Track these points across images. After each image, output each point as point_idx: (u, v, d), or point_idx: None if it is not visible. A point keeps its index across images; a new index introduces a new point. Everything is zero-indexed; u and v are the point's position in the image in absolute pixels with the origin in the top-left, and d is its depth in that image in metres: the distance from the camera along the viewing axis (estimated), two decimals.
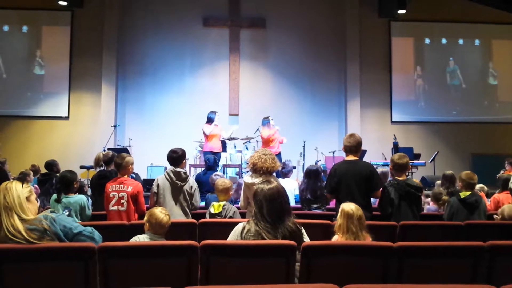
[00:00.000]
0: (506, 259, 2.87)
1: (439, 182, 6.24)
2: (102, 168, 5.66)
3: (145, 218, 3.20)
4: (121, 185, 4.39)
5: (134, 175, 6.92)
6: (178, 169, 4.55)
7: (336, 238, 3.11)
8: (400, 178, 4.23)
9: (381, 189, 4.25)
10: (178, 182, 4.50)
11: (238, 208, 4.44)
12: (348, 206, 3.10)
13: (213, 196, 5.03)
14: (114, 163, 4.66)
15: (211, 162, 6.46)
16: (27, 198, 2.53)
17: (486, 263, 2.85)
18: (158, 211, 3.18)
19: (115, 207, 4.34)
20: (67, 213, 4.06)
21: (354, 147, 4.23)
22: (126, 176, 4.49)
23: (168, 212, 3.26)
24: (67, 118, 11.48)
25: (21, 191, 2.50)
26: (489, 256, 2.84)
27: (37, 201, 2.77)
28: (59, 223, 2.54)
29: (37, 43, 11.67)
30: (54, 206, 4.24)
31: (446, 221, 4.40)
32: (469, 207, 4.36)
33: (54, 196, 4.38)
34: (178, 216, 4.41)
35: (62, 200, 4.25)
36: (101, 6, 11.47)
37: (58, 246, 2.48)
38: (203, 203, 5.24)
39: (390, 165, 4.40)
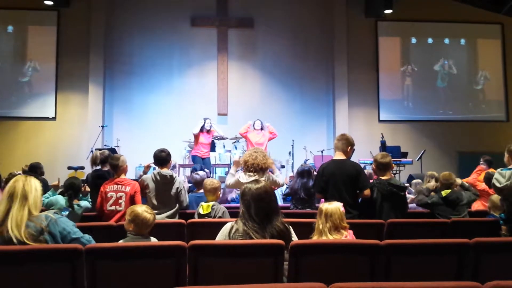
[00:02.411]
0: (490, 256, 2.92)
1: (415, 181, 6.37)
2: (98, 167, 5.63)
3: (128, 217, 3.06)
4: (119, 186, 4.40)
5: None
6: (164, 172, 4.56)
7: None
8: (383, 178, 4.26)
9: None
10: (164, 185, 4.52)
11: (227, 208, 4.45)
12: (323, 204, 3.15)
13: (192, 196, 5.04)
14: (110, 165, 4.67)
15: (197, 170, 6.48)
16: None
17: (472, 260, 2.89)
18: (143, 210, 3.06)
19: (113, 207, 4.36)
20: (66, 213, 4.05)
21: (342, 146, 4.24)
22: (123, 176, 4.50)
23: (151, 209, 3.16)
24: (54, 118, 11.36)
25: (39, 186, 2.60)
26: (474, 253, 2.88)
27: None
28: (59, 225, 2.57)
29: (23, 43, 11.53)
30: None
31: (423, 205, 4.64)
32: (451, 204, 4.58)
33: (61, 200, 4.38)
34: (164, 217, 4.42)
35: (74, 205, 4.29)
36: (88, 6, 11.38)
37: (45, 247, 2.46)
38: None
39: (373, 165, 4.43)
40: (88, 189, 4.87)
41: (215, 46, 11.76)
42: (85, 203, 4.54)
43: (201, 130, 8.62)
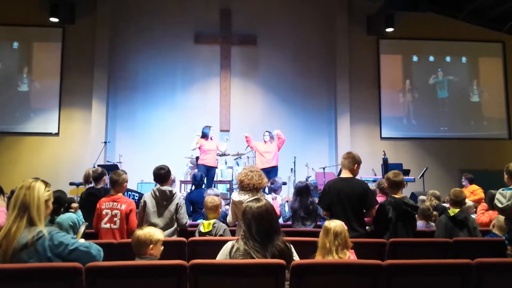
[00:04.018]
0: (494, 277, 2.90)
1: (421, 197, 6.35)
2: (91, 185, 5.61)
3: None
4: (114, 203, 4.33)
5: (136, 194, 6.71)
6: (163, 188, 4.52)
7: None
8: (396, 196, 4.25)
9: (376, 207, 4.26)
10: (164, 201, 4.48)
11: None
12: (329, 222, 3.11)
13: None
14: (110, 179, 4.60)
15: (197, 180, 6.43)
16: (46, 202, 2.49)
17: (474, 281, 2.86)
18: (138, 230, 3.03)
19: (108, 225, 4.29)
20: (83, 229, 3.91)
21: (349, 164, 4.23)
22: (120, 194, 4.45)
23: (151, 229, 3.08)
24: (57, 134, 11.43)
25: (42, 193, 2.46)
26: (477, 273, 2.85)
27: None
28: (56, 239, 2.44)
29: (28, 59, 11.66)
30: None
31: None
32: (459, 224, 4.45)
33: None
34: (164, 234, 4.36)
35: (55, 220, 4.16)
36: (93, 23, 11.53)
37: (43, 266, 2.42)
38: (200, 220, 5.16)
39: (385, 183, 4.39)
40: (75, 205, 4.68)
41: (218, 63, 11.86)
42: (68, 216, 4.13)
43: (205, 137, 8.57)
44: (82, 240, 2.61)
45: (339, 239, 3.01)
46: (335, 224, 3.07)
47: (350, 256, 3.05)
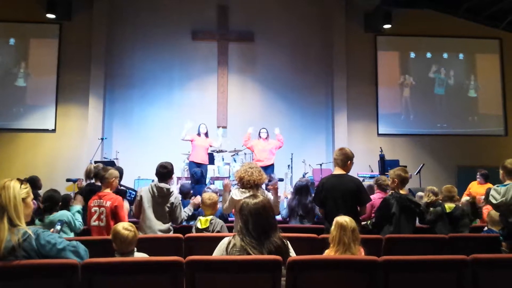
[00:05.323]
0: (489, 273, 2.91)
1: (419, 193, 6.40)
2: (92, 181, 5.59)
3: (111, 237, 3.03)
4: (101, 200, 4.32)
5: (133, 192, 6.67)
6: (161, 185, 4.52)
7: (328, 250, 3.13)
8: (402, 192, 4.30)
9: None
10: (159, 198, 4.48)
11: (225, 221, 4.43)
12: (342, 218, 3.14)
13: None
14: (98, 175, 4.60)
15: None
16: (23, 200, 2.43)
17: (470, 276, 2.88)
18: (121, 228, 2.98)
19: (96, 223, 4.29)
20: (59, 227, 3.87)
21: (341, 160, 4.25)
22: (108, 190, 4.43)
23: (133, 226, 3.06)
24: (53, 131, 11.38)
25: (18, 192, 2.40)
26: (473, 269, 2.87)
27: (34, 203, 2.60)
28: (43, 238, 2.40)
29: (24, 55, 11.59)
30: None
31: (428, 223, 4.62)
32: (454, 220, 4.59)
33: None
34: (158, 231, 4.38)
35: (45, 219, 4.16)
36: (90, 19, 11.47)
37: (39, 263, 2.41)
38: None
39: (396, 179, 4.38)
40: (80, 201, 4.69)
41: (216, 60, 11.83)
42: (61, 214, 4.22)
43: (197, 133, 8.85)
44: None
45: (356, 234, 3.07)
46: (350, 219, 3.12)
47: (362, 251, 3.13)
